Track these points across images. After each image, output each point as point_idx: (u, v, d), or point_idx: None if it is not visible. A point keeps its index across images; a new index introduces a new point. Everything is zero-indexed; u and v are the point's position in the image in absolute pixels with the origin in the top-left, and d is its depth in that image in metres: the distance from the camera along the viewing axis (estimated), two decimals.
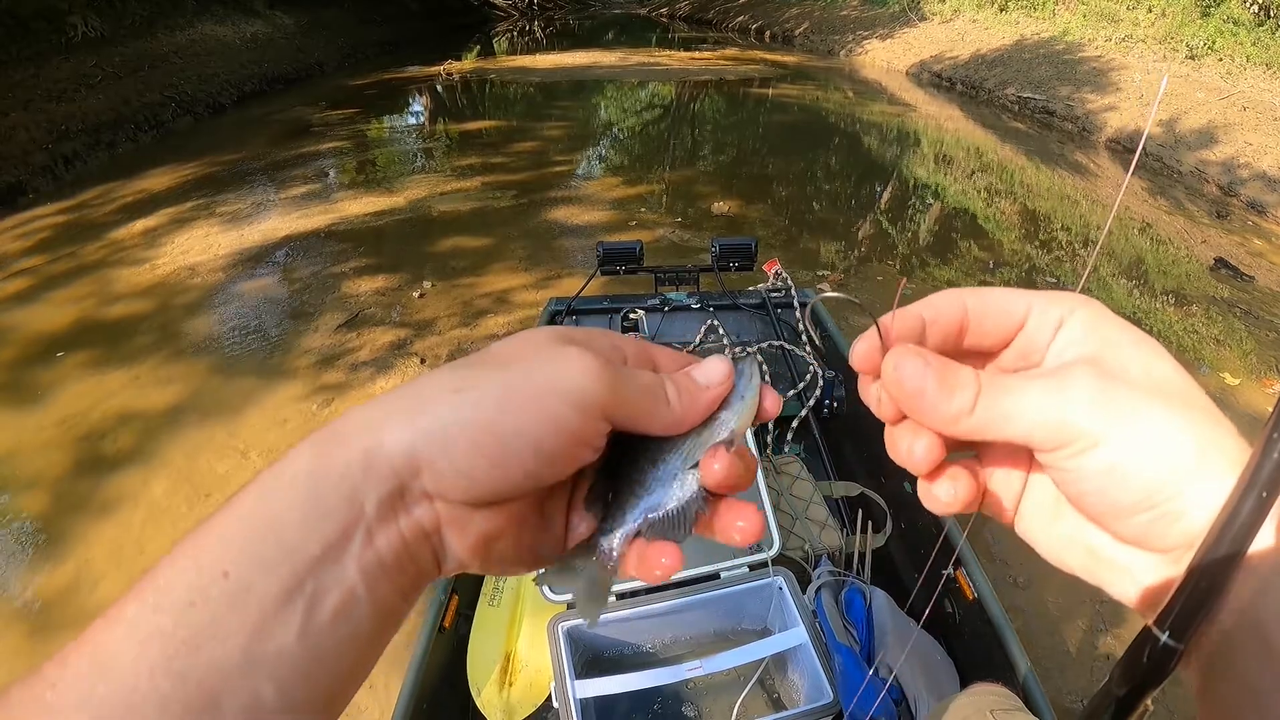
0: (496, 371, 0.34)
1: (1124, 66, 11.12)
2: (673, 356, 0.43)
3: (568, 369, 0.34)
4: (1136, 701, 0.29)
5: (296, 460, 0.31)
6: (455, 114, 12.42)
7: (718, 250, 2.84)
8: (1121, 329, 0.34)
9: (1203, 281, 5.62)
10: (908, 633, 1.75)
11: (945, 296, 0.38)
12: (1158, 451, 0.30)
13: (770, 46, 19.62)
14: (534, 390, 0.33)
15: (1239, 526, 0.26)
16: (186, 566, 0.28)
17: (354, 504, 0.30)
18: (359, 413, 0.32)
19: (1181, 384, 0.32)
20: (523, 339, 0.37)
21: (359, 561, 0.30)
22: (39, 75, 9.43)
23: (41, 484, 3.51)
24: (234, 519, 0.29)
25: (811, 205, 7.70)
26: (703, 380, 0.40)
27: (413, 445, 0.31)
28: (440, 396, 0.32)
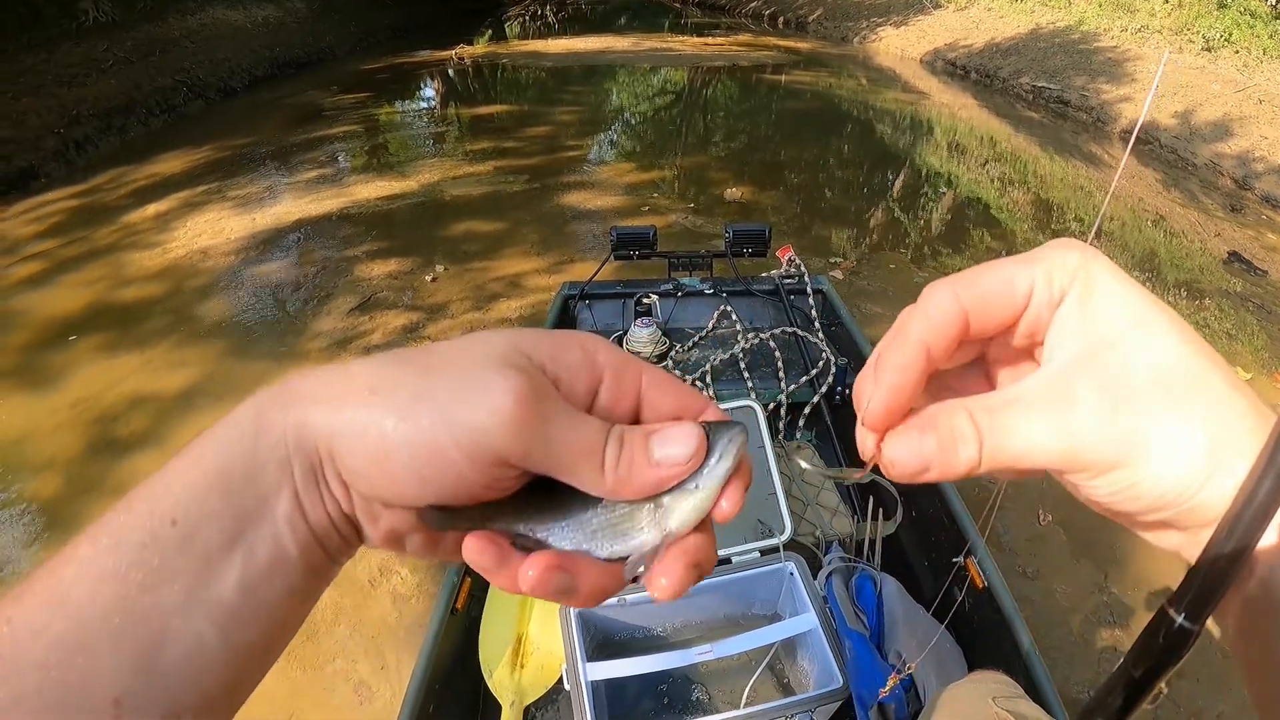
0: (414, 379, 0.31)
1: (1139, 57, 11.01)
2: (672, 392, 0.37)
3: (475, 403, 0.30)
4: (1152, 683, 0.29)
5: (243, 418, 0.32)
6: (467, 98, 12.40)
7: (731, 236, 2.83)
8: (1120, 303, 0.32)
9: (1216, 275, 5.58)
10: (917, 620, 1.76)
11: (939, 302, 0.34)
12: (1170, 466, 0.29)
13: (783, 33, 19.49)
14: (430, 418, 0.30)
15: (1255, 509, 0.26)
16: (141, 511, 0.30)
17: (285, 469, 0.31)
18: (303, 382, 0.33)
19: (1190, 370, 0.30)
20: (468, 345, 0.33)
21: (289, 522, 0.31)
22: (50, 60, 9.44)
23: (55, 467, 3.54)
24: (184, 469, 0.31)
25: (824, 192, 7.67)
26: (657, 454, 0.33)
27: (329, 433, 0.31)
28: (358, 392, 0.31)
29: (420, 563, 2.90)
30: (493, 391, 0.30)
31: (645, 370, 0.36)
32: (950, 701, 1.31)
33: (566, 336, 0.35)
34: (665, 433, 0.34)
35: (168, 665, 0.28)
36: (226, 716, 0.31)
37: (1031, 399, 0.32)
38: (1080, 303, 0.32)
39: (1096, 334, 0.32)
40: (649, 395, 0.36)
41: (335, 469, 0.31)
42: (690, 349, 2.48)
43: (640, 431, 0.34)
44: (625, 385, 0.36)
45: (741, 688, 1.66)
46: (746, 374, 2.33)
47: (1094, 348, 0.31)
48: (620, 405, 0.36)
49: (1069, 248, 0.33)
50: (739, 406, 1.94)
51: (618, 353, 0.36)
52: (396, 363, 0.32)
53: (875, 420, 0.34)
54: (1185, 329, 0.31)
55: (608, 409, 0.36)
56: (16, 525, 3.24)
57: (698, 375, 2.30)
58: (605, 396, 0.35)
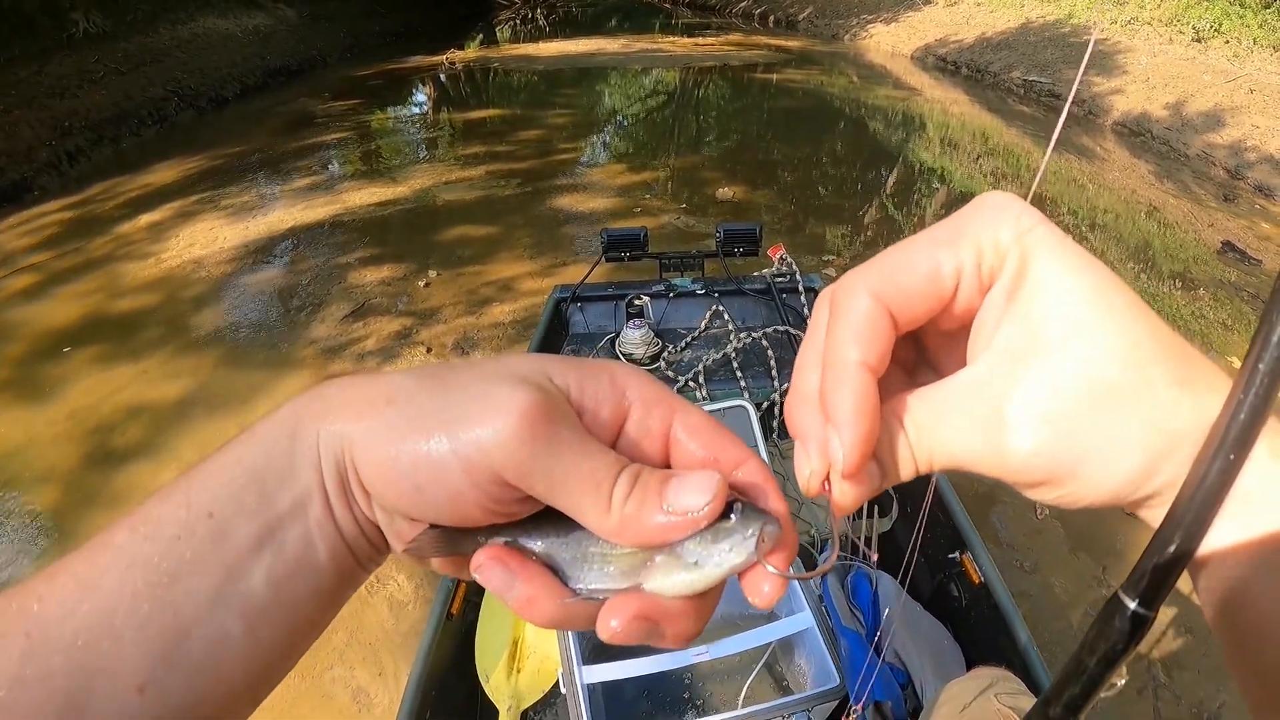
0: (430, 392, 0.31)
1: (1130, 49, 11.02)
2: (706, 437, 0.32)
3: (480, 417, 0.29)
4: (1107, 671, 0.28)
5: (282, 421, 0.32)
6: (459, 103, 12.39)
7: (722, 236, 2.83)
8: (1056, 294, 0.28)
9: (1210, 265, 5.58)
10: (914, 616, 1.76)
11: (860, 311, 0.30)
12: (1106, 481, 0.28)
13: (773, 31, 19.50)
14: (435, 429, 0.29)
15: (1206, 490, 0.25)
16: (178, 503, 0.30)
17: (317, 473, 0.31)
18: (339, 389, 0.32)
19: (1130, 381, 0.27)
20: (495, 362, 0.32)
21: (319, 525, 0.31)
22: (42, 72, 9.43)
23: (52, 478, 3.54)
24: (224, 465, 0.31)
25: (817, 190, 7.67)
26: (670, 500, 0.29)
27: (351, 441, 0.31)
28: (377, 405, 0.31)
29: (417, 569, 2.90)
30: (500, 407, 0.29)
31: (680, 410, 0.33)
32: (952, 698, 1.31)
33: (598, 365, 0.33)
34: (685, 479, 0.30)
35: (193, 656, 0.28)
36: (248, 711, 0.32)
37: (961, 408, 0.30)
38: (1010, 292, 0.29)
39: (1028, 332, 0.29)
40: (680, 438, 0.32)
41: (358, 477, 0.31)
42: (683, 349, 2.48)
43: (659, 474, 0.30)
44: (654, 423, 0.32)
45: (739, 688, 1.65)
46: (739, 373, 2.33)
47: (1025, 350, 0.29)
48: (646, 444, 0.33)
49: (1000, 216, 0.30)
50: (732, 406, 1.94)
51: (652, 387, 0.33)
52: (420, 375, 0.32)
53: (854, 471, 0.30)
54: (1128, 320, 0.28)
55: (632, 446, 0.32)
56: (15, 536, 3.24)
57: (691, 375, 2.30)
58: (631, 432, 0.32)
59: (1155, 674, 2.52)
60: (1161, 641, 2.62)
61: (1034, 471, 0.29)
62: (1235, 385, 0.25)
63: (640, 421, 0.32)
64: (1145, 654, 2.57)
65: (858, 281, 0.31)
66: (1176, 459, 0.27)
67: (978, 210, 0.30)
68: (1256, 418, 0.24)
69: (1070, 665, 0.29)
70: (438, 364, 0.33)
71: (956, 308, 0.31)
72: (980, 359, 0.30)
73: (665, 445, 0.33)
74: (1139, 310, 0.28)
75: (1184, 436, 0.27)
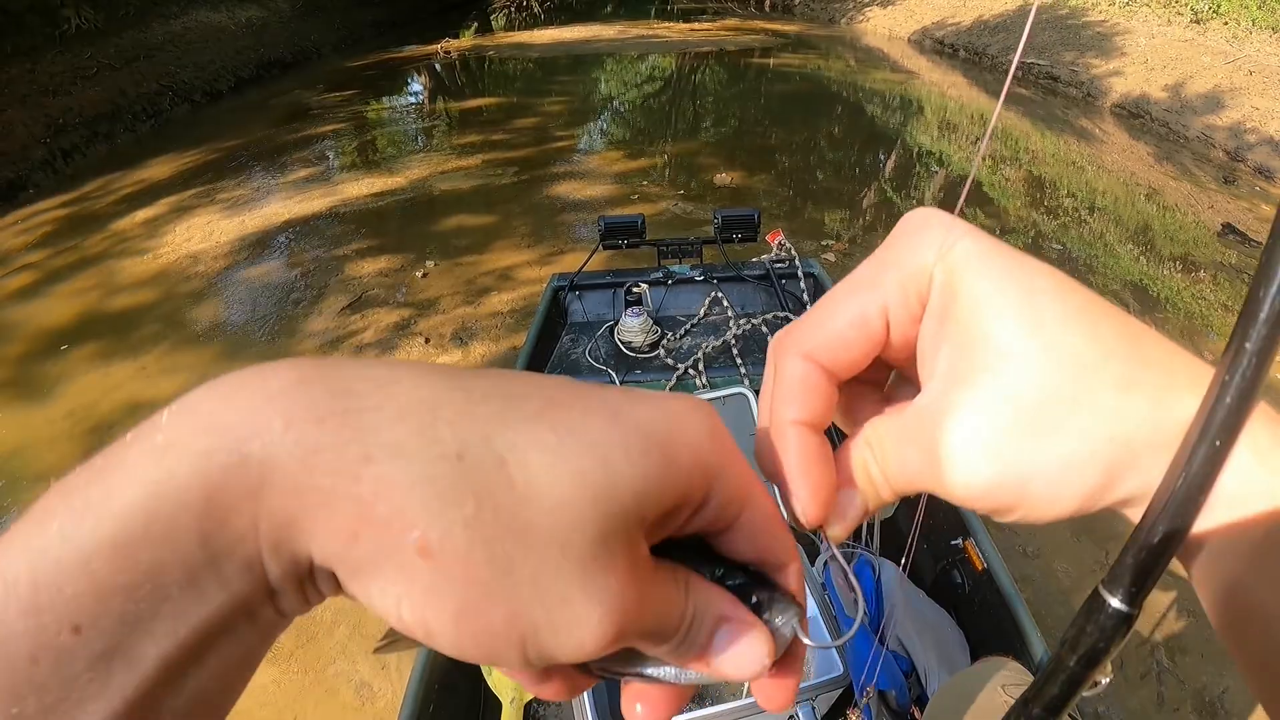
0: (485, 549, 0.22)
1: (1128, 31, 10.97)
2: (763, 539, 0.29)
3: (560, 625, 0.23)
4: (1089, 671, 0.27)
5: (182, 487, 0.20)
6: (454, 92, 12.35)
7: (720, 222, 2.82)
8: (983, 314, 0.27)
9: (1210, 247, 5.57)
10: (917, 604, 1.75)
11: (791, 373, 0.30)
12: (1055, 499, 0.27)
13: (770, 16, 19.40)
14: (500, 623, 0.22)
15: (1190, 480, 0.23)
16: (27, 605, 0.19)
17: (251, 571, 0.21)
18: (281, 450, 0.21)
19: (1066, 393, 0.26)
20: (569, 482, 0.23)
21: (259, 625, 0.23)
22: (34, 70, 9.39)
23: (52, 478, 3.51)
24: (92, 554, 0.20)
25: (815, 175, 7.65)
26: (715, 655, 0.27)
27: (337, 564, 0.22)
28: (397, 538, 0.21)
29: None
30: (591, 618, 0.23)
31: (751, 504, 0.28)
32: (958, 689, 1.31)
33: (692, 464, 0.25)
34: (735, 634, 0.27)
35: None
36: None
37: (908, 438, 0.29)
38: (940, 316, 0.28)
39: (961, 357, 0.28)
40: (741, 530, 0.28)
41: (335, 586, 0.23)
42: (682, 336, 2.47)
43: (712, 614, 0.27)
44: (725, 517, 0.28)
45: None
46: (739, 360, 2.32)
47: (958, 376, 0.27)
48: (703, 529, 0.28)
49: (921, 238, 0.29)
50: (732, 393, 1.92)
51: (739, 480, 0.27)
52: (460, 494, 0.22)
53: (816, 519, 0.30)
54: (1062, 330, 0.26)
55: (686, 527, 0.28)
56: None
57: (690, 363, 2.29)
58: (694, 524, 0.27)
59: (1159, 658, 2.52)
60: (1164, 625, 2.62)
61: (979, 501, 0.28)
62: (1220, 367, 0.23)
63: (715, 513, 0.27)
64: (1148, 638, 2.57)
65: (788, 342, 0.31)
66: (1141, 468, 0.26)
67: (898, 237, 0.30)
68: (1244, 401, 0.22)
69: (1050, 664, 0.27)
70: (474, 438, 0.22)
71: (895, 340, 0.30)
72: (926, 386, 0.29)
73: (728, 529, 0.28)
74: (1077, 317, 0.27)
75: (1144, 443, 0.26)
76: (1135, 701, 2.41)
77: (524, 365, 2.29)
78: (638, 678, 0.29)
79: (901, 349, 0.31)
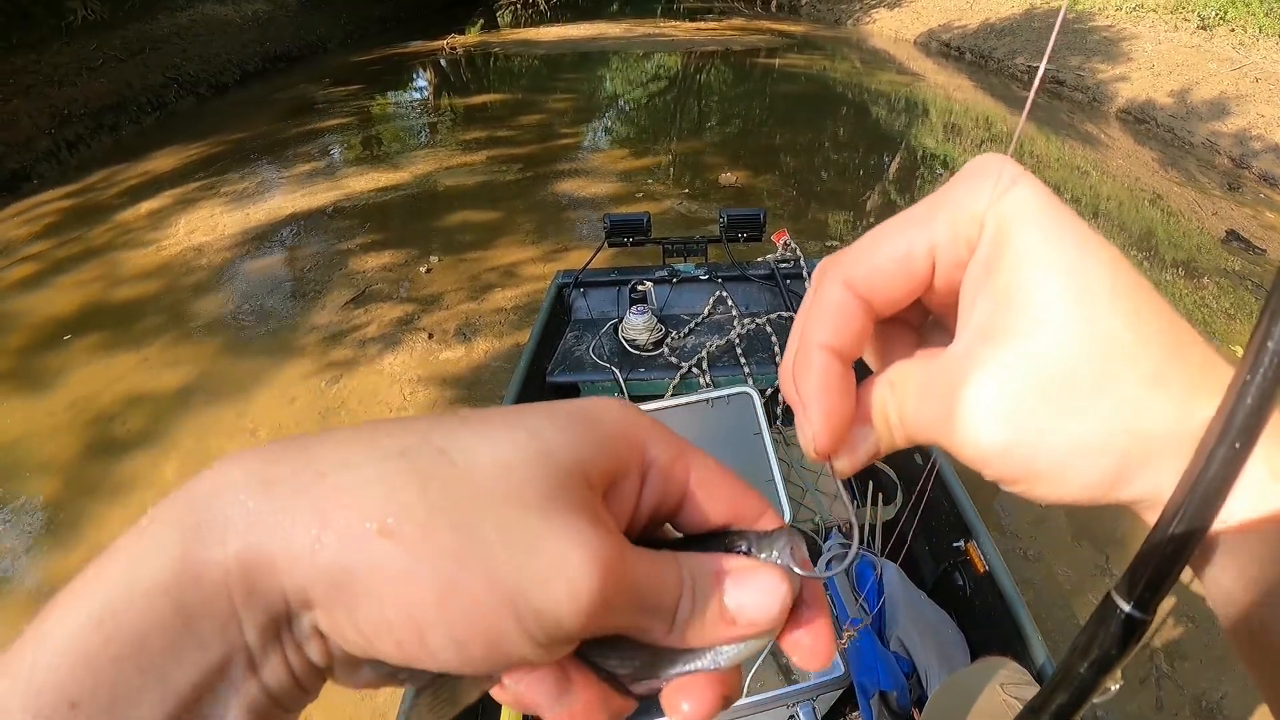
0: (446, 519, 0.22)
1: (1135, 36, 10.95)
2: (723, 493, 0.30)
3: (546, 576, 0.23)
4: (1099, 678, 0.26)
5: (159, 553, 0.22)
6: (460, 88, 12.34)
7: (726, 221, 2.81)
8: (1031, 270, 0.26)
9: (1214, 254, 5.55)
10: (918, 605, 1.75)
11: (829, 296, 0.30)
12: (1066, 480, 0.26)
13: (776, 16, 19.38)
14: (484, 589, 0.22)
15: (1208, 484, 0.22)
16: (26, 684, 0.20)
17: (229, 628, 0.22)
18: (243, 493, 0.22)
19: (1089, 365, 0.25)
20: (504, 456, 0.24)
21: (241, 697, 0.22)
22: (40, 61, 9.40)
23: (53, 468, 3.53)
24: (83, 634, 0.21)
25: (820, 175, 7.64)
26: (732, 605, 0.27)
27: (310, 583, 0.22)
28: (357, 527, 0.22)
29: None
30: (568, 561, 0.23)
31: (694, 460, 0.29)
32: (957, 688, 1.31)
33: (617, 430, 0.27)
34: (742, 581, 0.27)
35: None
36: None
37: (932, 388, 0.28)
38: (989, 265, 0.27)
39: (998, 312, 0.27)
40: (696, 493, 0.29)
41: (314, 619, 0.23)
42: (686, 335, 2.46)
43: (710, 573, 0.27)
44: (673, 484, 0.29)
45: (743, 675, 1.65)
46: (743, 359, 2.32)
47: (991, 332, 0.27)
48: (664, 507, 0.29)
49: (979, 183, 0.28)
50: (736, 392, 1.92)
51: (669, 442, 0.29)
52: (406, 479, 0.23)
53: (825, 450, 0.30)
54: (1105, 306, 0.25)
55: (650, 511, 0.29)
56: (16, 528, 3.23)
57: (694, 361, 2.28)
58: (649, 498, 0.29)
59: (1158, 663, 2.52)
60: (1163, 630, 2.61)
61: (989, 465, 0.27)
62: (1240, 366, 0.22)
63: (659, 486, 0.29)
64: (1148, 643, 2.57)
65: (831, 264, 0.31)
66: (1157, 467, 0.25)
67: (959, 179, 0.29)
68: (1265, 402, 0.22)
69: (1060, 671, 0.27)
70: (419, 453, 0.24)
71: (939, 284, 0.29)
72: (959, 336, 0.28)
73: (682, 497, 0.29)
74: (1123, 295, 0.26)
75: (1161, 443, 0.25)
76: (1134, 706, 2.41)
77: (528, 362, 2.29)
78: (678, 677, 0.28)
79: (945, 294, 0.30)
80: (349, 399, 3.86)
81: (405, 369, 4.09)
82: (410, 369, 4.09)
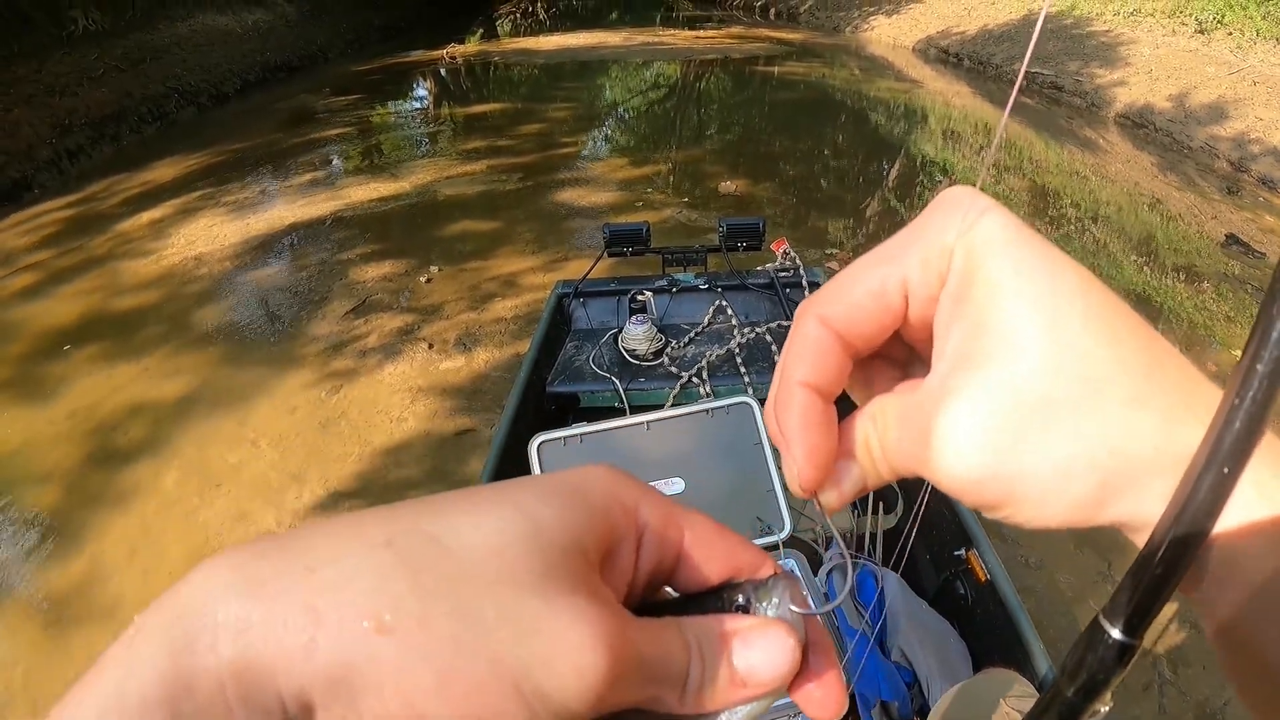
0: (443, 606, 0.22)
1: (1133, 41, 10.98)
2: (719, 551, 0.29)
3: (551, 658, 0.22)
4: (1088, 703, 0.26)
5: (148, 665, 0.20)
6: (460, 98, 12.37)
7: (725, 230, 2.82)
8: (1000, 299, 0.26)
9: (1214, 258, 5.56)
10: (920, 615, 1.75)
11: (805, 334, 0.30)
12: (1047, 503, 0.26)
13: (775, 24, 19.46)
14: (489, 676, 0.21)
15: (1196, 508, 0.22)
16: None
17: None
18: (231, 595, 0.21)
19: (1067, 386, 0.25)
20: (498, 535, 0.24)
21: None
22: (41, 70, 9.42)
23: (54, 478, 3.53)
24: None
25: (819, 183, 7.65)
26: (742, 669, 0.27)
27: (308, 684, 0.21)
28: (352, 625, 0.21)
29: None
30: (571, 641, 0.23)
31: (686, 522, 0.29)
32: (960, 700, 1.30)
33: (607, 498, 0.27)
34: (750, 642, 0.27)
35: None
36: None
37: (910, 419, 0.29)
38: (959, 296, 0.28)
39: (971, 340, 0.27)
40: (691, 553, 0.29)
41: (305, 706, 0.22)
42: (686, 345, 2.46)
43: (715, 637, 0.27)
44: (668, 546, 0.29)
45: None
46: (743, 369, 2.32)
47: (964, 361, 0.27)
48: (661, 570, 0.29)
49: (948, 216, 0.28)
50: (736, 402, 1.92)
51: (659, 504, 0.29)
52: (397, 569, 0.22)
53: (811, 485, 0.31)
54: (1079, 327, 0.25)
55: (648, 575, 0.29)
56: (17, 538, 3.23)
57: (694, 371, 2.29)
58: (646, 563, 0.28)
59: (1160, 669, 2.51)
60: (1166, 637, 2.61)
61: (965, 493, 0.27)
62: (1229, 389, 0.22)
63: (655, 551, 0.29)
64: (1150, 649, 2.57)
65: (809, 305, 0.31)
66: (1141, 488, 0.25)
67: (928, 213, 0.29)
68: (1255, 426, 0.21)
69: (1048, 695, 0.27)
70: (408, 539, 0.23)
71: (913, 318, 0.30)
72: (934, 368, 0.29)
73: (677, 558, 0.29)
74: (1097, 316, 0.26)
75: (1145, 464, 0.25)
76: (1137, 712, 2.40)
77: (528, 372, 2.29)
78: None
79: (921, 328, 0.30)
80: (349, 409, 3.86)
81: (405, 379, 4.10)
82: (410, 379, 4.09)
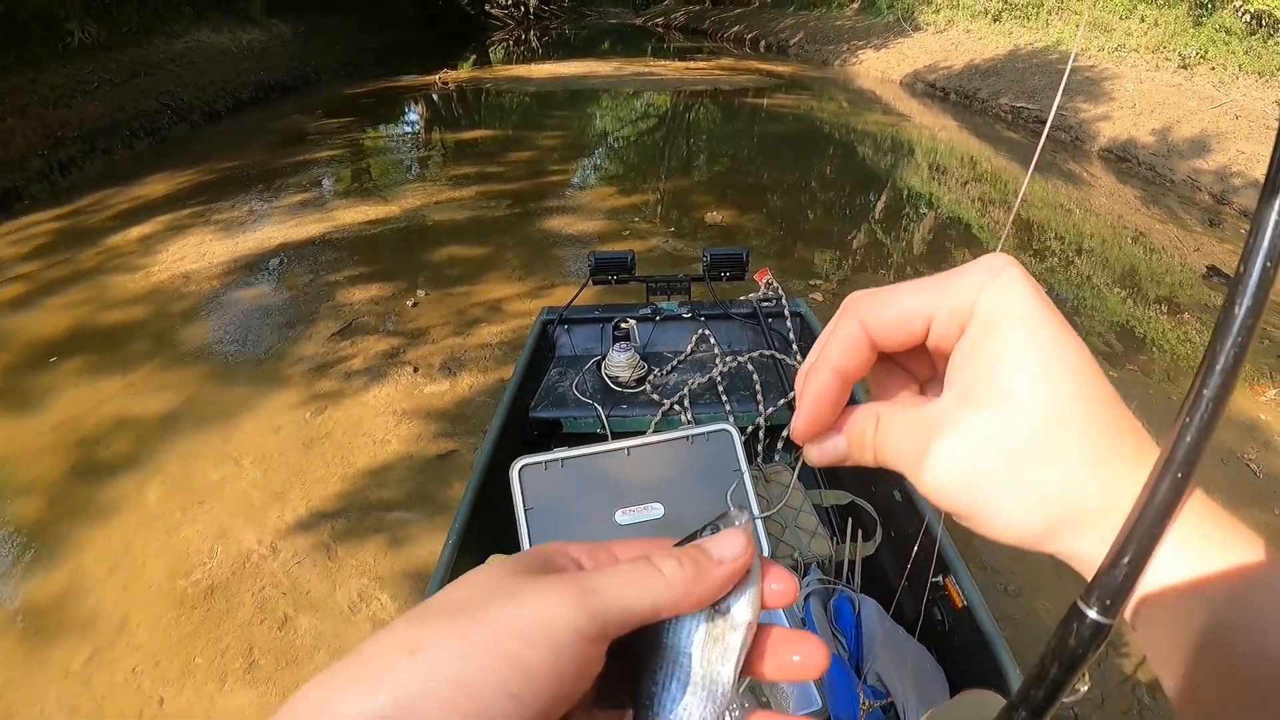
0: (448, 622, 0.28)
1: (1117, 76, 11.16)
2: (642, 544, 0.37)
3: (533, 605, 0.29)
4: (1069, 677, 0.31)
5: None
6: (451, 123, 12.44)
7: (709, 260, 2.85)
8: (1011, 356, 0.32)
9: (1196, 289, 5.63)
10: (897, 641, 1.76)
11: (846, 328, 0.37)
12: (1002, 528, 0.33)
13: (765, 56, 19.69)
14: (495, 634, 0.28)
15: (1157, 507, 0.28)
16: None
17: None
18: (308, 696, 0.27)
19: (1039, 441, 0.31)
20: (472, 582, 0.31)
21: None
22: (36, 81, 9.44)
23: (36, 490, 3.51)
24: None
25: (805, 215, 7.71)
26: (716, 553, 0.35)
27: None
28: (395, 661, 0.27)
29: (401, 589, 2.89)
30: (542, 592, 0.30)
31: (615, 544, 0.37)
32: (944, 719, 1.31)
33: (545, 552, 0.35)
34: (714, 538, 0.36)
35: None
36: None
37: (910, 429, 0.35)
38: (975, 344, 0.34)
39: (976, 384, 0.33)
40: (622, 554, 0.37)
41: None
42: (669, 373, 2.48)
43: (692, 545, 0.35)
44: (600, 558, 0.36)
45: None
46: (725, 397, 2.34)
47: (968, 399, 0.33)
48: None
49: (985, 278, 0.34)
50: (716, 430, 1.94)
51: (589, 544, 0.37)
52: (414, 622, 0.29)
53: (800, 436, 0.39)
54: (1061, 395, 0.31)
55: None
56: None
57: (676, 399, 2.30)
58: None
59: (1139, 695, 2.52)
60: (1145, 664, 2.62)
61: (941, 499, 0.35)
62: (1180, 411, 0.28)
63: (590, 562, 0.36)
64: (1130, 675, 2.58)
65: (854, 307, 0.37)
66: (1079, 533, 0.32)
67: (966, 269, 0.35)
68: (1202, 439, 0.27)
69: (1035, 672, 0.32)
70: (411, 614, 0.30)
71: (931, 345, 0.36)
72: (945, 394, 0.35)
73: None
74: (1077, 387, 0.32)
75: (1093, 513, 0.31)
76: None
77: (511, 397, 2.30)
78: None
79: (933, 353, 0.38)
80: (333, 430, 3.86)
81: (390, 402, 4.10)
82: (395, 402, 4.09)
